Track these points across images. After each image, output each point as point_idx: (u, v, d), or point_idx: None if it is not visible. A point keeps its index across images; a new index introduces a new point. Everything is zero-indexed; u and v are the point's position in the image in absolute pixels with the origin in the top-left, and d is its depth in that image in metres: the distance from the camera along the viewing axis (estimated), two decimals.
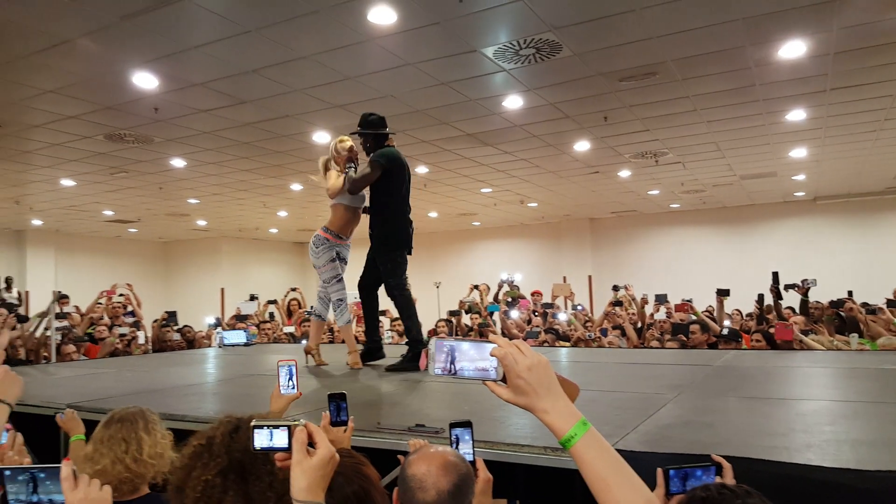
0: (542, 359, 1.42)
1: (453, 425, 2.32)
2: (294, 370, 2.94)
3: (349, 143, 5.88)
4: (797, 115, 9.31)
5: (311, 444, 1.52)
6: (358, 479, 2.13)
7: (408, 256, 5.85)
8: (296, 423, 1.53)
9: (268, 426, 1.54)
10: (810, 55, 7.05)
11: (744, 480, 1.71)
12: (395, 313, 6.73)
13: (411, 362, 5.51)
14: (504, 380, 1.43)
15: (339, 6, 5.71)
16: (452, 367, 1.47)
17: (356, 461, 2.24)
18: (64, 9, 5.56)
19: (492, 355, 1.43)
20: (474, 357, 1.46)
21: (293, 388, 2.94)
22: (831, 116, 9.45)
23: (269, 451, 1.56)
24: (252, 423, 1.56)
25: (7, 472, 1.63)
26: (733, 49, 6.89)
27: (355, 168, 5.68)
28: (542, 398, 1.40)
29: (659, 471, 1.99)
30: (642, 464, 2.39)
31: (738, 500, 1.55)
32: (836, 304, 9.17)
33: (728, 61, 7.23)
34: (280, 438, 1.53)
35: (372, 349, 6.08)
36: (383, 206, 5.73)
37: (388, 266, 5.75)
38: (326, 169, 5.96)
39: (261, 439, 1.54)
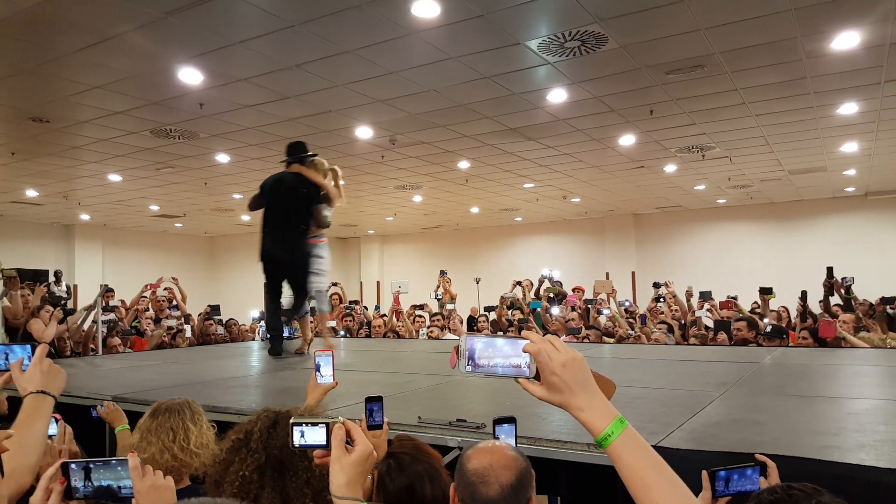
0: (577, 355, 1.37)
1: (497, 421, 2.31)
2: (331, 360, 2.99)
3: None
4: (849, 108, 9.07)
5: (349, 440, 1.51)
6: (425, 457, 2.17)
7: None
8: (334, 420, 1.53)
9: (306, 423, 1.54)
10: (865, 46, 6.85)
11: (794, 480, 1.65)
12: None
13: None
14: (537, 377, 1.38)
15: (381, 0, 5.70)
16: (483, 364, 1.42)
17: (416, 443, 2.28)
18: (110, 5, 5.64)
19: (524, 351, 1.37)
20: (507, 354, 1.40)
21: (329, 377, 2.99)
22: (885, 109, 9.18)
23: (307, 449, 1.56)
24: (291, 421, 1.56)
25: (72, 466, 1.70)
26: (784, 41, 6.72)
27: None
28: (577, 395, 1.35)
29: (704, 473, 1.95)
30: (689, 462, 2.35)
31: (812, 499, 1.49)
32: (887, 301, 8.96)
33: (778, 53, 7.06)
34: (318, 436, 1.53)
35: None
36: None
37: None
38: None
39: (299, 437, 1.55)
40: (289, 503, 1.84)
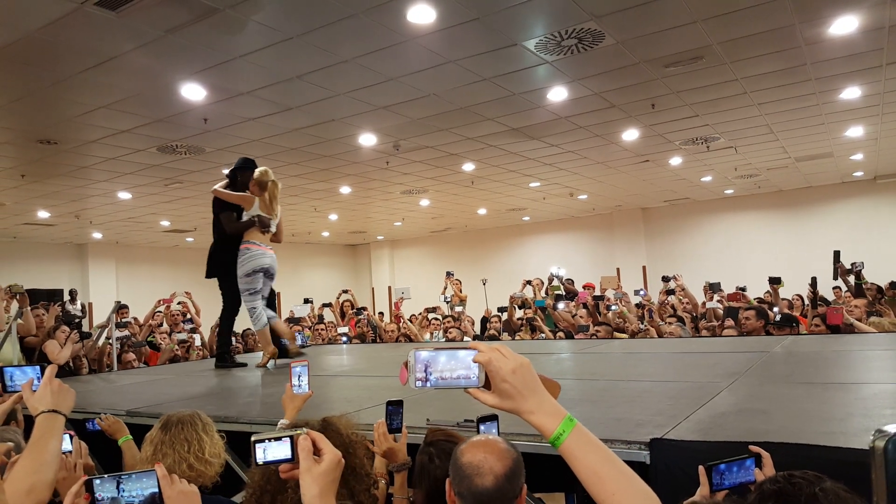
0: (524, 360, 1.40)
1: (481, 419, 2.39)
2: (306, 371, 3.09)
3: None
4: (852, 92, 9.05)
5: (316, 451, 1.50)
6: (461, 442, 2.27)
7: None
8: (298, 432, 1.51)
9: (269, 439, 1.52)
10: (864, 30, 6.84)
11: (798, 467, 1.67)
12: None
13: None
14: (487, 385, 1.39)
15: (377, 8, 5.74)
16: (432, 378, 1.43)
17: (448, 431, 2.49)
18: (111, 26, 5.70)
19: (475, 361, 1.39)
20: (455, 365, 1.42)
21: (306, 387, 3.08)
22: (888, 92, 9.15)
23: (273, 464, 1.54)
24: (252, 439, 1.53)
25: (96, 481, 1.80)
26: (782, 28, 6.72)
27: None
28: (527, 400, 1.37)
29: (701, 468, 1.97)
30: (694, 453, 2.37)
31: (814, 486, 1.51)
32: None
33: (777, 41, 7.06)
34: (283, 450, 1.51)
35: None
36: None
37: None
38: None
39: (264, 453, 1.52)
40: (354, 496, 1.93)
